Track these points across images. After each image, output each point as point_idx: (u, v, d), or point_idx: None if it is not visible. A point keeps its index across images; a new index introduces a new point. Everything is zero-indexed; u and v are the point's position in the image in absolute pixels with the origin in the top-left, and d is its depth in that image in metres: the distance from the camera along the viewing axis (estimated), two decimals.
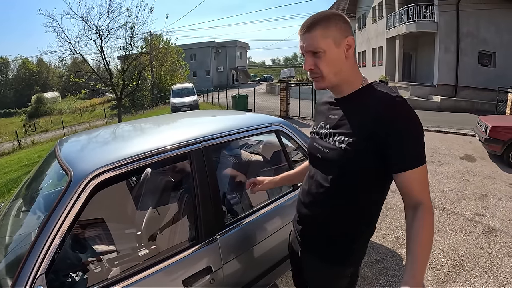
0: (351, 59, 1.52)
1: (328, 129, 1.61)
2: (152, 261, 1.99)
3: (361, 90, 1.54)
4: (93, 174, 1.85)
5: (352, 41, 1.49)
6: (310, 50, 1.48)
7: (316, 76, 1.53)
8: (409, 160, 1.36)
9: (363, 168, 1.45)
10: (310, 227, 1.72)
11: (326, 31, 1.45)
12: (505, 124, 8.02)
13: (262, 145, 3.55)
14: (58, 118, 40.64)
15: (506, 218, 5.03)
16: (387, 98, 1.42)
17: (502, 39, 20.68)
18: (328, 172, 1.56)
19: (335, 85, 1.55)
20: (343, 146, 1.46)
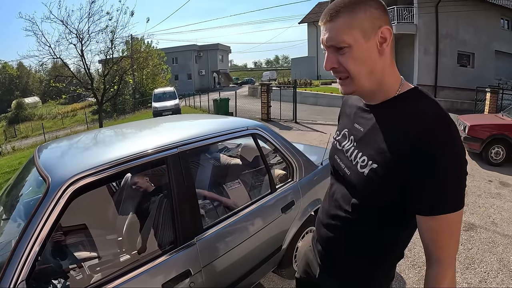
0: (387, 56, 1.19)
1: (351, 142, 1.34)
2: (131, 266, 1.98)
3: (397, 98, 1.21)
4: (71, 180, 1.84)
5: (387, 32, 1.14)
6: (332, 44, 1.16)
7: (342, 77, 1.21)
8: (446, 202, 1.06)
9: (384, 200, 1.18)
10: (335, 249, 1.44)
11: (352, 20, 1.12)
12: (483, 123, 8.19)
13: (241, 148, 3.57)
14: (38, 123, 40.03)
15: (486, 214, 5.14)
16: (430, 116, 1.07)
17: (480, 40, 21.12)
18: (349, 195, 1.30)
19: (367, 90, 1.22)
20: (366, 171, 1.19)
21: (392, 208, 1.19)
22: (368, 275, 1.38)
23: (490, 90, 13.50)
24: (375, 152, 1.18)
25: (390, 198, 1.16)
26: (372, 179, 1.16)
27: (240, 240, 2.53)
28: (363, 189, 1.21)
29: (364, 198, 1.23)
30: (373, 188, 1.17)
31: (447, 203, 1.05)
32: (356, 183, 1.24)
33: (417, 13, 20.36)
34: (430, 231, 1.10)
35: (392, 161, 1.11)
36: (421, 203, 1.09)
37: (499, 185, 6.54)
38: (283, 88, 18.21)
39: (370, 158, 1.19)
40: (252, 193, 3.05)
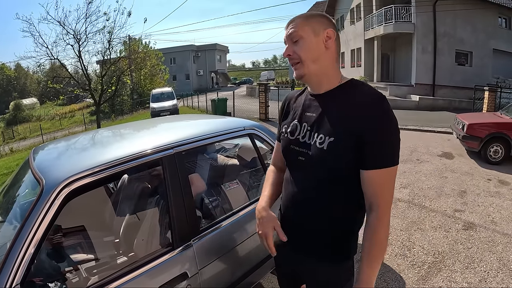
0: (331, 51, 1.52)
1: (305, 128, 1.58)
2: (128, 269, 1.96)
3: (341, 87, 1.53)
4: (65, 182, 1.82)
5: (332, 33, 1.49)
6: (290, 37, 1.52)
7: (295, 62, 1.53)
8: (383, 158, 1.38)
9: (346, 166, 1.44)
10: (303, 231, 1.64)
11: (306, 21, 1.50)
12: (481, 121, 8.20)
13: (238, 148, 3.55)
14: (36, 125, 39.99)
15: (485, 213, 5.14)
16: (368, 94, 1.44)
17: (478, 38, 21.13)
18: (312, 173, 1.54)
19: (313, 74, 1.53)
20: (324, 146, 1.45)
21: (348, 172, 1.46)
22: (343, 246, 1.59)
23: (489, 88, 13.51)
24: (329, 129, 1.46)
25: (346, 160, 1.43)
26: (331, 150, 1.43)
27: (238, 242, 2.51)
28: (325, 159, 1.46)
29: (327, 166, 1.47)
30: (332, 156, 1.44)
31: (386, 159, 1.39)
32: (318, 158, 1.48)
33: (415, 11, 20.35)
34: (372, 183, 1.41)
35: (344, 132, 1.41)
36: (366, 159, 1.39)
37: (498, 183, 6.53)
38: (281, 87, 18.19)
39: (326, 134, 1.46)
40: (250, 193, 3.04)
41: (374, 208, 1.42)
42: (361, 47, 25.72)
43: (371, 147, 1.37)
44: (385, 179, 1.40)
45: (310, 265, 1.67)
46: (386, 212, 1.42)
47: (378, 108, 1.38)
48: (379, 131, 1.36)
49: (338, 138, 1.42)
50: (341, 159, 1.43)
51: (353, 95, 1.47)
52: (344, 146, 1.41)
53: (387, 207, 1.42)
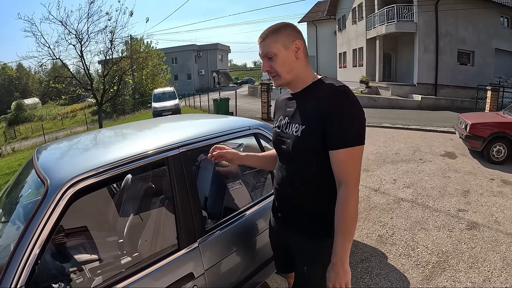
0: (301, 59, 1.77)
1: (286, 121, 1.85)
2: (133, 269, 1.95)
3: (312, 84, 1.79)
4: (70, 183, 1.81)
5: (300, 44, 1.74)
6: (265, 55, 1.75)
7: (273, 75, 1.79)
8: (344, 139, 1.58)
9: (316, 148, 1.66)
10: (290, 209, 1.92)
11: (275, 38, 1.71)
12: (484, 121, 8.17)
13: (242, 148, 3.53)
14: (38, 124, 39.97)
15: (489, 212, 5.12)
16: (331, 87, 1.66)
17: (480, 38, 21.11)
18: (292, 158, 1.80)
19: (289, 81, 1.81)
20: (298, 133, 1.70)
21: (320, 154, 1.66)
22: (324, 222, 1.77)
23: (491, 88, 13.49)
24: (301, 119, 1.72)
25: (316, 146, 1.65)
26: (303, 136, 1.68)
27: (243, 242, 2.50)
28: (300, 144, 1.71)
29: (302, 150, 1.72)
30: (304, 141, 1.69)
31: (347, 139, 1.57)
32: (295, 144, 1.73)
33: (417, 11, 20.33)
34: (337, 162, 1.61)
35: (313, 119, 1.65)
36: (330, 141, 1.60)
37: (501, 183, 6.50)
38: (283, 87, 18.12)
39: (300, 123, 1.71)
40: (254, 193, 3.02)
41: (342, 184, 1.62)
42: (363, 47, 25.71)
43: (333, 130, 1.58)
44: (348, 158, 1.59)
45: (298, 239, 1.90)
46: (353, 187, 1.61)
47: (339, 96, 1.61)
48: (338, 115, 1.57)
49: (308, 125, 1.67)
50: (312, 143, 1.66)
51: (320, 89, 1.72)
52: (313, 131, 1.65)
53: (354, 183, 1.61)
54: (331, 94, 1.63)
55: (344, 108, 1.59)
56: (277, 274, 3.17)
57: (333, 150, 1.60)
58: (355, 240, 4.40)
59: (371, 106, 19.44)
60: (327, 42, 37.02)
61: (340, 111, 1.58)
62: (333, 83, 1.68)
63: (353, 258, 3.98)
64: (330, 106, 1.59)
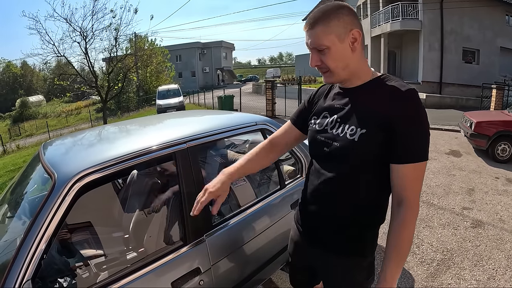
0: (358, 52, 1.49)
1: (335, 120, 1.57)
2: (139, 264, 1.95)
3: (373, 82, 1.53)
4: (77, 177, 1.81)
5: (357, 34, 1.44)
6: (314, 46, 1.46)
7: (324, 71, 1.53)
8: (414, 153, 1.37)
9: (375, 158, 1.44)
10: (325, 224, 1.65)
11: (328, 27, 1.42)
12: (489, 119, 8.15)
13: (248, 144, 3.53)
14: (43, 122, 40.06)
15: (493, 211, 5.11)
16: (400, 90, 1.41)
17: (485, 36, 21.02)
18: (339, 165, 1.53)
19: (344, 79, 1.54)
20: (356, 137, 1.44)
21: (377, 164, 1.45)
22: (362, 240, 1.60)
23: (496, 86, 13.43)
24: (361, 121, 1.45)
25: (376, 155, 1.43)
26: (361, 142, 1.42)
27: (249, 237, 2.49)
28: (355, 151, 1.45)
29: (356, 158, 1.46)
30: (362, 148, 1.43)
31: (417, 153, 1.37)
32: (348, 149, 1.47)
33: (422, 9, 20.26)
34: (402, 178, 1.39)
35: (376, 124, 1.40)
36: (397, 153, 1.38)
37: (506, 182, 6.49)
38: (287, 85, 18.13)
39: (358, 126, 1.45)
40: (259, 189, 3.02)
41: (404, 204, 1.40)
42: (367, 45, 25.62)
43: (402, 141, 1.36)
44: (415, 174, 1.39)
45: (329, 261, 1.67)
46: (416, 207, 1.41)
47: (411, 102, 1.38)
48: (411, 125, 1.36)
49: (370, 130, 1.41)
50: (371, 151, 1.43)
51: (384, 88, 1.46)
52: (375, 138, 1.40)
53: (416, 202, 1.41)
54: (402, 98, 1.39)
55: (417, 117, 1.37)
56: (282, 271, 3.17)
57: (399, 164, 1.39)
58: None
59: None
60: None
61: (412, 121, 1.36)
62: (401, 84, 1.45)
63: None
64: (401, 113, 1.36)
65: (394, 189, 1.44)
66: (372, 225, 1.61)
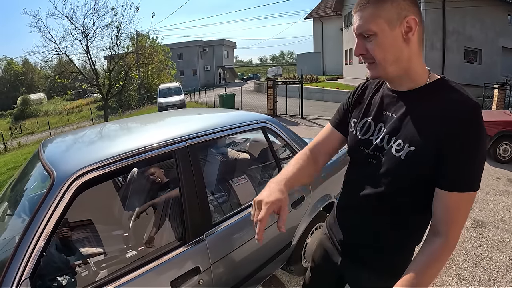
0: (414, 45, 1.26)
1: (381, 129, 1.38)
2: (139, 263, 1.94)
3: (429, 86, 1.30)
4: (76, 175, 1.80)
5: (413, 22, 1.21)
6: (360, 31, 1.25)
7: (369, 62, 1.31)
8: (465, 182, 1.17)
9: (419, 179, 1.26)
10: (361, 236, 1.50)
11: (379, 9, 1.20)
12: (491, 120, 8.13)
13: (249, 143, 3.52)
14: (44, 119, 40.18)
15: (495, 211, 5.10)
16: (465, 105, 1.19)
17: (487, 36, 20.95)
18: (380, 180, 1.35)
19: (392, 76, 1.32)
20: (402, 155, 1.26)
21: (422, 186, 1.26)
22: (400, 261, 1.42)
23: (498, 86, 13.39)
24: (411, 136, 1.24)
25: (423, 174, 1.24)
26: (409, 160, 1.24)
27: (249, 236, 2.48)
28: (399, 169, 1.27)
29: (400, 179, 1.28)
30: (409, 168, 1.24)
31: (468, 182, 1.17)
32: (392, 166, 1.29)
33: (424, 8, 20.20)
34: (446, 206, 1.20)
35: (427, 143, 1.20)
36: (446, 179, 1.18)
37: (507, 182, 6.48)
38: (289, 83, 18.11)
39: (407, 141, 1.25)
40: (260, 188, 3.01)
41: (443, 234, 1.21)
42: None
43: (454, 166, 1.17)
44: (461, 205, 1.19)
45: (359, 274, 1.55)
46: (455, 240, 1.22)
47: (471, 121, 1.16)
48: (467, 149, 1.15)
49: (420, 149, 1.22)
50: (417, 172, 1.24)
51: (442, 99, 1.24)
52: (424, 158, 1.22)
53: (457, 235, 1.23)
54: (463, 115, 1.16)
55: (477, 142, 1.15)
56: (282, 270, 3.17)
57: (446, 191, 1.18)
58: None
59: None
60: (333, 38, 36.87)
61: (471, 145, 1.15)
62: (464, 96, 1.23)
63: None
64: (459, 134, 1.15)
65: (434, 215, 1.25)
66: (411, 247, 1.47)
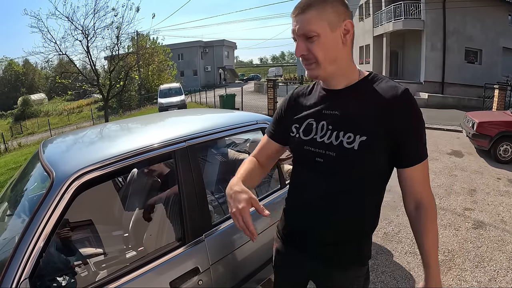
0: (348, 47, 1.37)
1: (325, 127, 1.42)
2: (138, 263, 1.94)
3: (362, 82, 1.41)
4: (75, 175, 1.80)
5: (350, 25, 1.33)
6: (303, 33, 1.32)
7: (310, 62, 1.36)
8: (419, 154, 1.34)
9: (376, 166, 1.36)
10: (323, 238, 1.50)
11: (321, 13, 1.29)
12: (491, 120, 8.13)
13: (249, 143, 3.52)
14: (44, 120, 40.17)
15: (495, 212, 5.10)
16: (396, 89, 1.32)
17: (487, 36, 20.97)
18: (334, 176, 1.40)
19: (330, 75, 1.39)
20: (355, 146, 1.32)
21: (377, 172, 1.39)
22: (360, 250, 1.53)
23: (499, 86, 13.40)
24: (358, 127, 1.33)
25: (378, 163, 1.35)
26: (363, 149, 1.31)
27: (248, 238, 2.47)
28: (355, 160, 1.34)
29: (357, 167, 1.35)
30: (365, 156, 1.32)
31: (422, 152, 1.35)
32: (347, 158, 1.35)
33: (424, 8, 20.22)
34: (415, 180, 1.37)
35: (377, 130, 1.30)
36: (406, 157, 1.34)
37: (507, 182, 6.48)
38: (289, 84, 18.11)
39: (356, 133, 1.33)
40: (260, 188, 3.01)
41: (423, 204, 1.39)
42: (369, 44, 25.62)
43: (409, 144, 1.32)
44: (424, 172, 1.37)
45: (329, 274, 1.56)
46: (434, 205, 1.41)
47: (407, 101, 1.30)
48: (414, 126, 1.31)
49: (371, 137, 1.30)
50: (375, 159, 1.33)
51: (376, 89, 1.35)
52: (378, 144, 1.31)
53: (433, 200, 1.41)
54: (403, 98, 1.30)
55: (417, 118, 1.32)
56: None
57: (410, 167, 1.34)
58: None
59: None
60: None
61: (414, 122, 1.31)
62: (394, 85, 1.35)
63: None
64: (405, 115, 1.29)
65: (407, 193, 1.41)
66: (370, 233, 1.56)
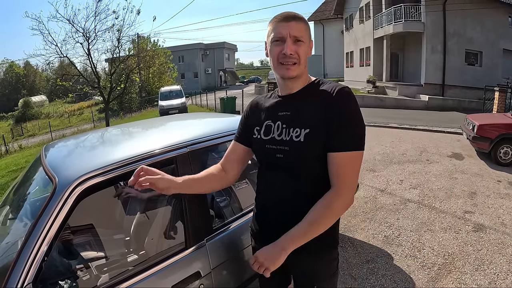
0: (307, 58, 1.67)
1: (280, 126, 1.67)
2: (140, 268, 1.96)
3: (311, 85, 1.69)
4: (78, 181, 1.81)
5: (312, 44, 1.69)
6: (295, 35, 1.57)
7: (294, 62, 1.60)
8: (346, 142, 1.50)
9: (322, 153, 1.55)
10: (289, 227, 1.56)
11: (306, 27, 1.63)
12: (492, 122, 8.11)
13: None
14: (45, 122, 40.11)
15: (495, 215, 5.09)
16: (336, 87, 1.57)
17: (488, 38, 20.98)
18: (293, 167, 1.62)
19: (301, 75, 1.65)
20: (301, 138, 1.55)
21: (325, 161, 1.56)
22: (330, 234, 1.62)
23: (499, 89, 13.39)
24: (304, 122, 1.57)
25: (322, 150, 1.54)
26: (307, 140, 1.54)
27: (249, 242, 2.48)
28: (303, 151, 1.56)
29: (306, 157, 1.57)
30: (310, 146, 1.54)
31: (350, 143, 1.50)
32: (297, 150, 1.57)
33: (425, 11, 20.24)
34: (335, 165, 1.52)
35: (318, 122, 1.53)
36: (332, 142, 1.51)
37: (508, 185, 6.46)
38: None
39: (302, 127, 1.57)
40: None
41: (334, 186, 1.53)
42: (370, 46, 25.61)
43: (337, 130, 1.50)
44: (348, 162, 1.51)
45: (304, 260, 1.69)
46: (345, 196, 1.53)
47: (345, 97, 1.54)
48: (345, 116, 1.51)
49: (313, 129, 1.54)
50: (317, 147, 1.54)
51: (322, 90, 1.61)
52: (318, 134, 1.53)
53: (348, 187, 1.53)
54: (337, 94, 1.54)
55: (350, 110, 1.52)
56: None
57: (335, 152, 1.51)
58: (360, 241, 4.41)
59: (378, 106, 19.42)
60: (334, 41, 36.94)
61: (346, 112, 1.51)
62: (334, 85, 1.60)
63: (359, 258, 3.99)
64: (336, 106, 1.51)
65: (330, 177, 1.56)
66: None
